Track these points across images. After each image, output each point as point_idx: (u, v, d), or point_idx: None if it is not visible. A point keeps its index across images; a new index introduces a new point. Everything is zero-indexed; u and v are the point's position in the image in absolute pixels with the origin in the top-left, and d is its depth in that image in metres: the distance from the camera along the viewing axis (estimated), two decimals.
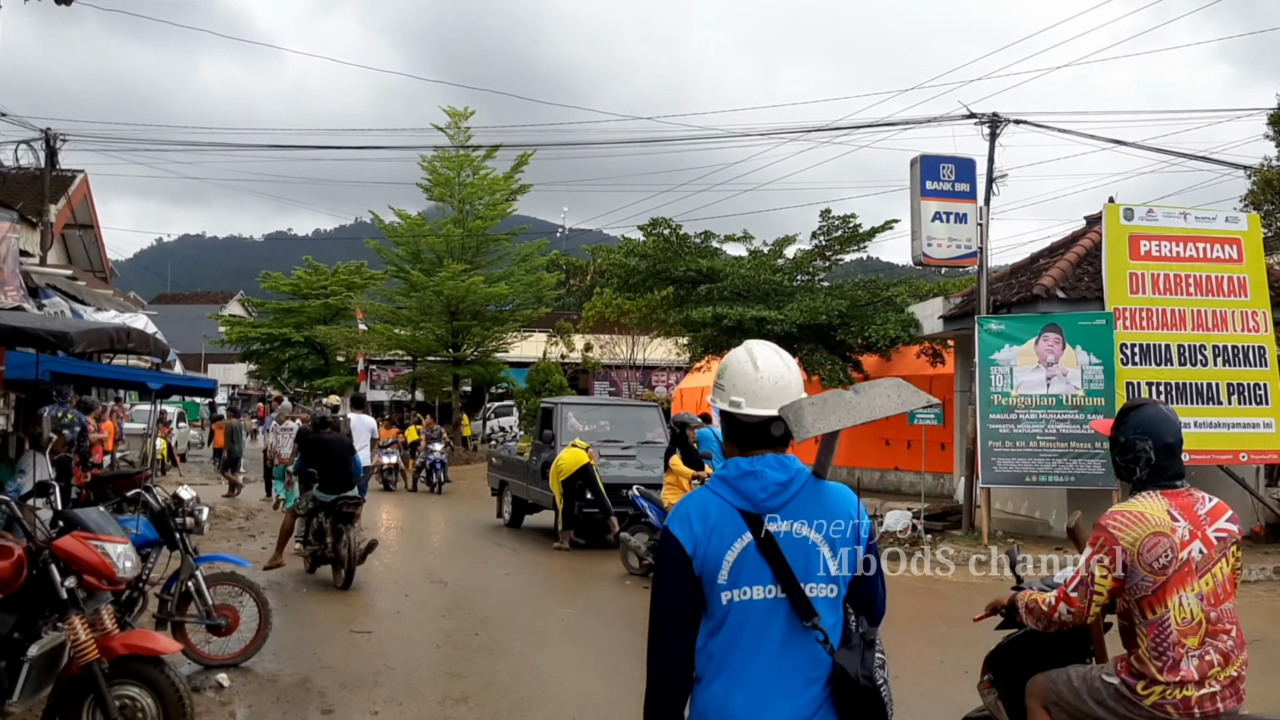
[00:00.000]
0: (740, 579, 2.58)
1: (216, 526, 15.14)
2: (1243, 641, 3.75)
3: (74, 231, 24.16)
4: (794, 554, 2.60)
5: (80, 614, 5.11)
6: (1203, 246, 14.89)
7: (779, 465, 2.72)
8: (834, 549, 2.65)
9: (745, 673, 2.57)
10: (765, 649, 2.57)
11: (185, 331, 60.48)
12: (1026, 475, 14.56)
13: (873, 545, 2.76)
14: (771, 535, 2.60)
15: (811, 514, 2.67)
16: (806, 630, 2.57)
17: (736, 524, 2.61)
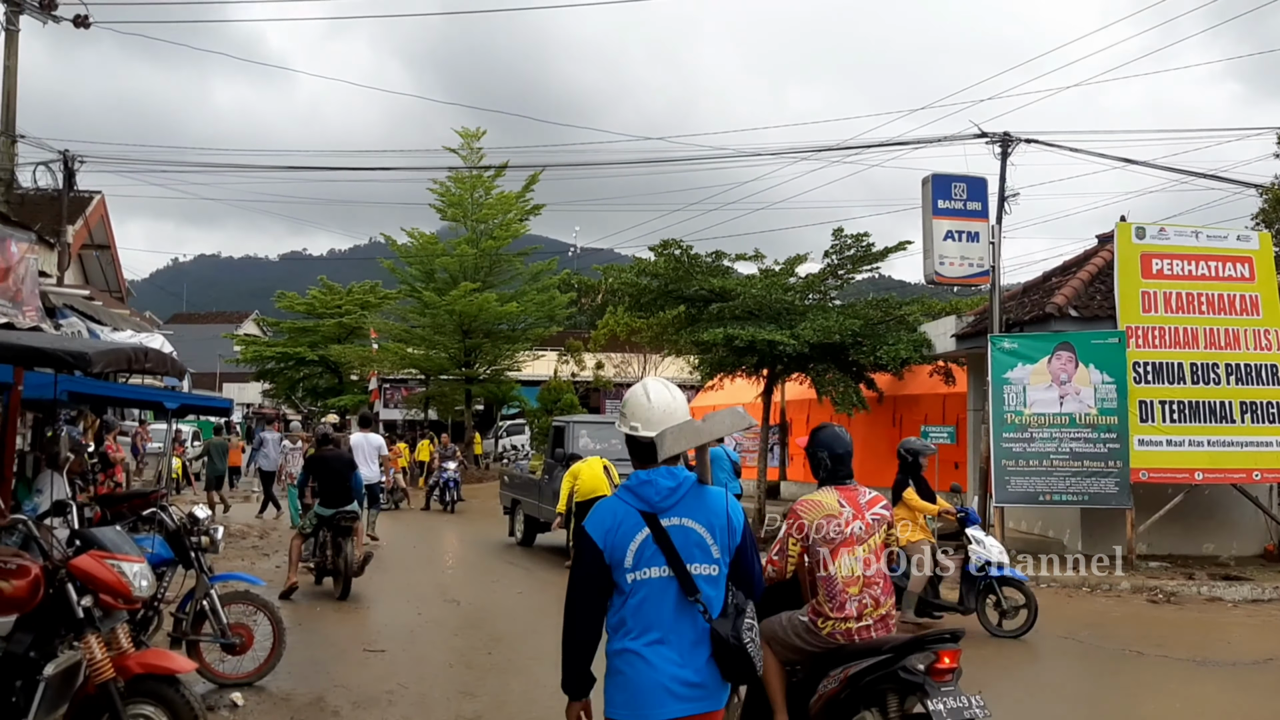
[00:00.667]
0: (641, 563, 3.44)
1: (231, 545, 15.21)
2: (890, 590, 5.14)
3: (91, 252, 24.36)
4: (681, 542, 3.46)
5: (96, 633, 5.14)
6: (1215, 265, 14.89)
7: (669, 475, 3.54)
8: (715, 538, 3.51)
9: (648, 631, 3.43)
10: (662, 615, 3.44)
11: (201, 351, 60.83)
12: (1040, 494, 14.54)
13: (749, 535, 3.64)
14: (664, 529, 3.45)
15: (696, 512, 3.51)
16: (689, 604, 3.43)
17: (637, 521, 3.46)
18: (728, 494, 3.65)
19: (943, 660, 4.69)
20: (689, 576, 3.45)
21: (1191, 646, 9.93)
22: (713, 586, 3.50)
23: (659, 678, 3.40)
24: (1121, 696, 8.22)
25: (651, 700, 3.41)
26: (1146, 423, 14.35)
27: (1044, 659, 9.62)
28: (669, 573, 3.44)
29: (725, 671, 3.49)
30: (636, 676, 3.43)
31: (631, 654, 3.45)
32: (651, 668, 3.41)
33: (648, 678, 3.41)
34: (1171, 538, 15.04)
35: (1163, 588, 12.90)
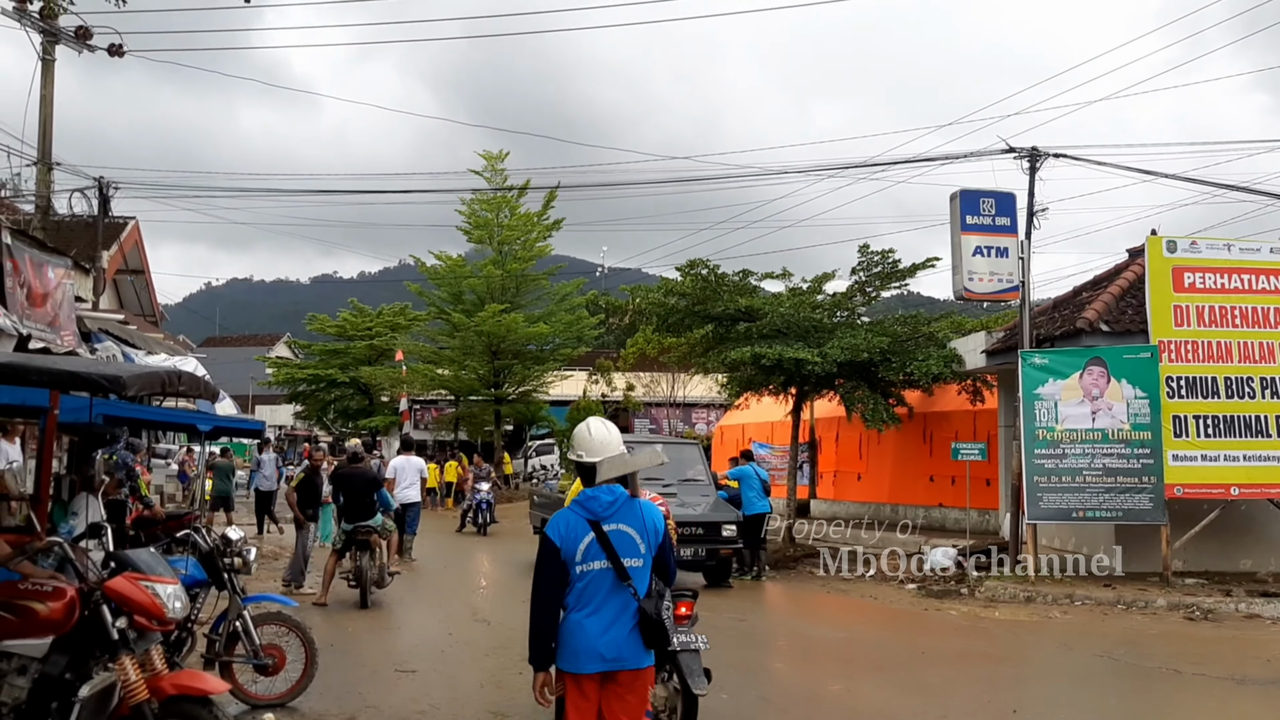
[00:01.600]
0: (587, 558, 4.53)
1: (264, 567, 15.28)
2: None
3: (125, 277, 24.61)
4: (618, 542, 4.55)
5: (131, 654, 5.17)
6: (1248, 278, 14.75)
7: (608, 492, 4.64)
8: (643, 539, 4.61)
9: (590, 607, 4.52)
10: (600, 595, 4.52)
11: (233, 373, 61.25)
12: (1073, 511, 14.40)
13: (668, 537, 4.81)
14: (605, 532, 4.55)
15: (629, 519, 4.62)
16: (623, 587, 4.53)
17: (585, 527, 4.56)
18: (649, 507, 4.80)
19: (679, 609, 6.61)
20: (623, 567, 4.56)
21: (1230, 665, 9.79)
22: (640, 575, 4.61)
23: (592, 642, 4.50)
24: (1159, 716, 8.11)
25: (585, 658, 4.51)
26: (1180, 438, 14.20)
27: (1080, 678, 9.51)
28: (608, 565, 4.55)
29: (646, 640, 4.56)
30: (577, 640, 4.51)
31: (575, 623, 4.53)
32: (586, 634, 4.50)
33: (584, 641, 4.50)
34: (1208, 554, 14.85)
35: (1200, 605, 12.73)
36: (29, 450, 11.43)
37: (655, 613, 4.54)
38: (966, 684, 9.08)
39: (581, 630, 4.50)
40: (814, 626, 12.28)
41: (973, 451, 16.24)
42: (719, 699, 8.15)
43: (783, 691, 8.87)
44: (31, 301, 10.77)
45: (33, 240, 12.22)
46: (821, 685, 9.03)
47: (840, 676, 9.39)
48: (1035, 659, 10.36)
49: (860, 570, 16.61)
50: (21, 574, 5.35)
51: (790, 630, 12.29)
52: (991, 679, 9.36)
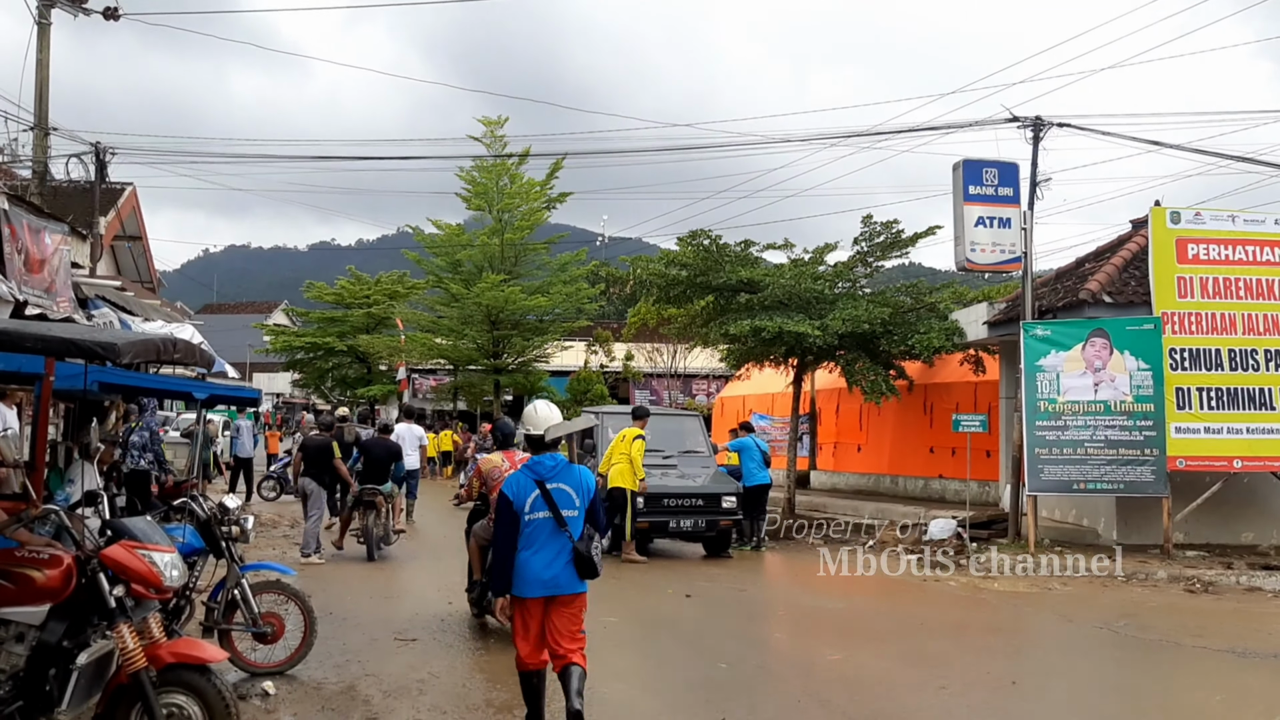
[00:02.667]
0: (534, 509, 5.91)
1: (262, 535, 15.27)
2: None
3: (123, 243, 24.47)
4: (558, 497, 5.94)
5: (128, 622, 5.14)
6: (1252, 249, 14.67)
7: (551, 459, 6.09)
8: (578, 494, 5.99)
9: (535, 547, 5.89)
10: (544, 538, 5.90)
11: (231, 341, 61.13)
12: (1074, 482, 14.39)
13: (597, 494, 6.14)
14: (548, 489, 5.93)
15: (567, 479, 6.02)
16: (561, 532, 5.90)
17: (532, 485, 5.95)
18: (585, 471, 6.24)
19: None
20: (561, 517, 5.96)
21: (1230, 637, 9.78)
22: (575, 523, 5.99)
23: (535, 573, 5.92)
24: (1160, 688, 8.10)
25: (531, 586, 5.94)
26: (1183, 410, 14.16)
27: (1081, 650, 9.50)
28: (549, 515, 5.96)
29: (579, 572, 5.96)
30: (525, 572, 5.94)
31: (524, 560, 5.95)
32: (532, 568, 5.93)
33: (530, 573, 5.94)
34: (1209, 526, 14.85)
35: (1200, 577, 12.73)
36: (25, 417, 11.37)
37: (586, 551, 5.94)
38: (965, 655, 9.07)
39: (528, 565, 5.93)
40: (813, 597, 12.27)
41: (973, 423, 16.17)
42: (718, 669, 8.15)
43: (782, 660, 8.86)
44: (28, 267, 10.67)
45: (29, 206, 12.11)
46: (820, 655, 9.02)
47: (839, 646, 9.38)
48: (1034, 630, 10.35)
49: (860, 541, 16.63)
50: (18, 541, 5.32)
51: (789, 600, 12.28)
52: (991, 649, 9.35)
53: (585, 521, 6.01)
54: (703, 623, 10.21)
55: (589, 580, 6.00)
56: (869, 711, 6.94)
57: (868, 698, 7.35)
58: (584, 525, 5.99)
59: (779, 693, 7.49)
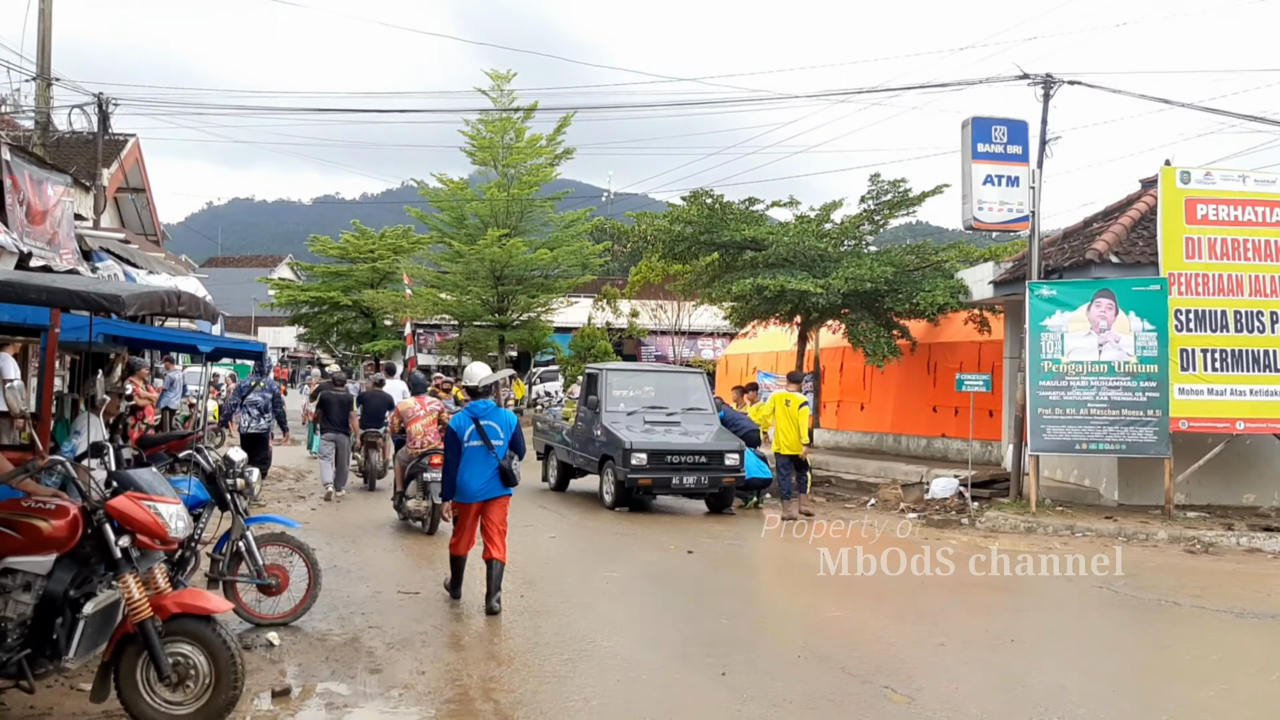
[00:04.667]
0: (471, 439, 8.42)
1: (267, 488, 15.35)
2: (438, 436, 12.30)
3: (127, 195, 24.42)
4: (488, 430, 8.44)
5: (134, 572, 5.20)
6: (1262, 210, 14.58)
7: (484, 403, 8.67)
8: (502, 428, 8.52)
9: (469, 467, 8.40)
10: (477, 461, 8.40)
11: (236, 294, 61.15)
12: (1076, 443, 14.41)
13: (518, 428, 8.71)
14: (481, 425, 8.44)
15: (496, 418, 8.57)
16: (490, 455, 8.40)
17: (470, 421, 8.47)
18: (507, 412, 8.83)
19: (433, 460, 12.04)
20: (490, 444, 8.41)
21: (1229, 598, 9.84)
22: (500, 449, 8.45)
23: (471, 484, 8.41)
24: (1156, 647, 8.16)
25: (468, 494, 8.42)
26: (1187, 371, 14.15)
27: (1079, 609, 9.56)
28: (481, 443, 8.42)
29: (503, 482, 8.48)
30: (464, 485, 8.42)
31: (463, 477, 8.41)
32: (468, 482, 8.41)
33: (468, 486, 8.41)
34: (1211, 488, 14.88)
35: (1201, 538, 12.79)
36: (30, 369, 11.40)
37: (508, 467, 8.49)
38: (965, 612, 9.14)
39: (466, 481, 8.43)
40: (814, 554, 12.34)
41: (977, 382, 16.16)
42: (719, 623, 8.21)
43: (782, 617, 8.93)
44: (31, 219, 10.65)
45: (32, 157, 12.07)
46: (820, 611, 9.08)
47: (839, 603, 9.45)
48: (1034, 589, 10.41)
49: (862, 499, 16.69)
50: (25, 491, 5.35)
51: (790, 557, 12.35)
52: (990, 607, 9.40)
53: (509, 447, 8.53)
54: (704, 578, 10.28)
55: (510, 488, 8.56)
56: (868, 667, 7.00)
57: (866, 653, 7.42)
58: (507, 449, 8.51)
59: (778, 648, 7.55)
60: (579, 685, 6.42)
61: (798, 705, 6.17)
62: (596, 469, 15.37)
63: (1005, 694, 6.59)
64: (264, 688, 6.17)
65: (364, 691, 6.22)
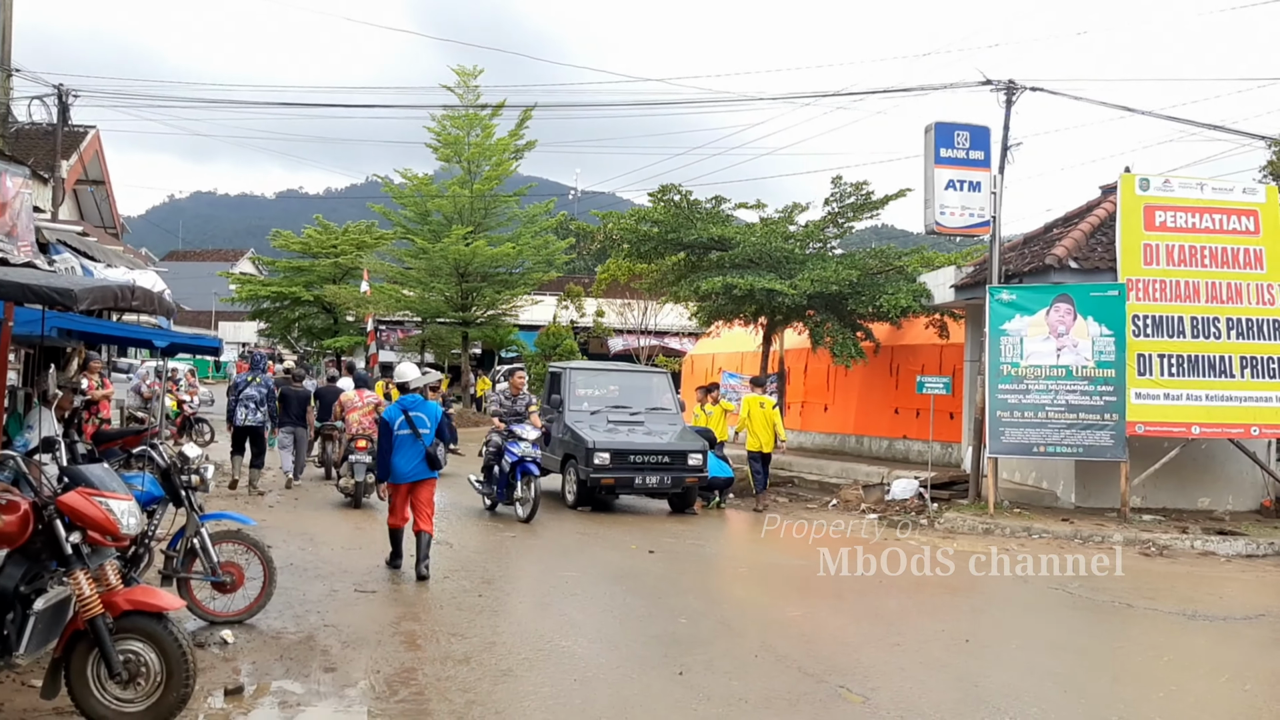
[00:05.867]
0: (401, 428, 9.70)
1: (223, 484, 15.22)
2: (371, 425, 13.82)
3: (86, 188, 24.12)
4: (416, 421, 9.74)
5: (85, 569, 5.14)
6: (1219, 218, 14.79)
7: (413, 398, 9.97)
8: (430, 419, 9.83)
9: (399, 453, 9.67)
10: (406, 447, 9.67)
11: (196, 289, 60.41)
12: (1034, 446, 14.55)
13: (446, 418, 10.87)
14: (410, 416, 9.76)
15: (424, 410, 9.87)
16: (418, 442, 9.67)
17: (400, 413, 9.78)
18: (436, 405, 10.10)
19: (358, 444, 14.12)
20: (419, 433, 9.62)
21: (1182, 600, 9.98)
22: (428, 437, 9.63)
23: (401, 467, 9.61)
24: (1109, 648, 8.25)
25: (400, 476, 9.62)
26: (1144, 376, 14.33)
27: (1035, 610, 9.66)
28: (410, 432, 9.63)
29: (430, 466, 9.66)
30: (396, 469, 9.60)
31: (396, 462, 9.61)
32: (399, 466, 9.62)
33: (399, 469, 9.61)
34: (1167, 491, 15.09)
35: (1155, 541, 12.95)
36: None
37: (433, 453, 9.68)
38: (921, 613, 9.20)
39: (398, 464, 9.65)
40: (775, 554, 12.39)
41: (937, 385, 16.30)
42: (678, 623, 8.22)
43: (741, 616, 8.95)
44: None
45: None
46: (780, 611, 9.12)
47: (798, 603, 9.49)
48: (990, 590, 10.50)
49: (823, 499, 16.78)
50: None
51: (751, 557, 12.39)
52: (946, 608, 9.48)
53: (435, 435, 9.75)
54: (664, 578, 10.28)
55: (436, 471, 9.77)
56: (824, 666, 7.04)
57: (823, 653, 7.46)
58: (434, 437, 9.72)
59: (737, 647, 7.57)
60: (535, 685, 6.41)
61: (753, 704, 6.19)
62: (559, 468, 15.35)
63: (959, 694, 6.65)
64: (217, 686, 6.11)
65: (318, 690, 6.18)
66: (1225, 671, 7.53)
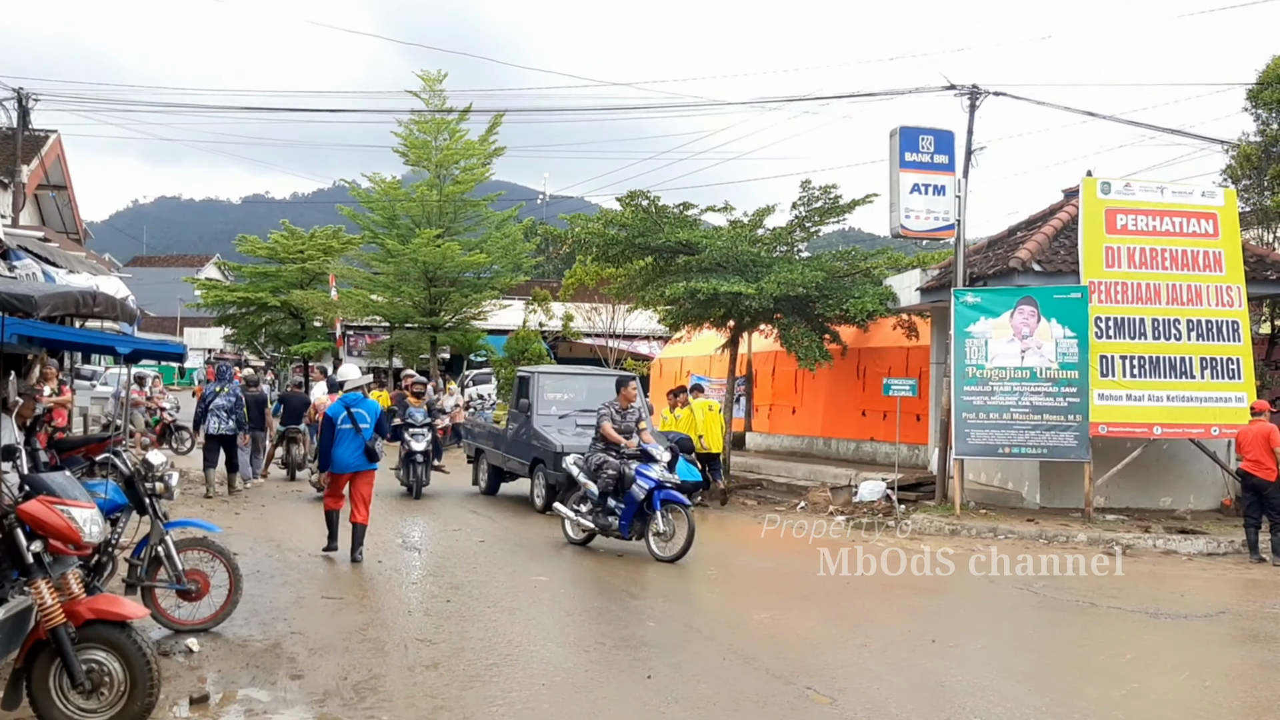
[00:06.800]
0: (343, 423, 10.74)
1: (189, 491, 15.10)
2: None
3: (47, 192, 23.89)
4: (358, 416, 10.79)
5: (46, 578, 5.10)
6: (1179, 221, 14.98)
7: (354, 395, 11.04)
8: (369, 415, 10.91)
9: (342, 446, 10.71)
10: (348, 441, 10.73)
11: (161, 294, 59.93)
12: (1000, 447, 14.67)
13: (383, 415, 11.21)
14: (351, 412, 10.78)
15: (363, 406, 10.96)
16: (358, 436, 10.72)
17: (343, 409, 10.90)
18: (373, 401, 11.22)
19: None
20: (359, 427, 10.70)
21: (1144, 598, 10.09)
22: (367, 431, 10.72)
23: (344, 460, 10.68)
24: (1073, 647, 8.33)
25: (340, 467, 10.70)
26: (1107, 377, 14.49)
27: (1000, 609, 9.74)
28: (351, 426, 10.70)
29: (368, 458, 10.74)
30: (337, 460, 10.68)
31: (337, 454, 10.66)
32: (340, 457, 10.69)
33: (340, 460, 10.69)
34: (1129, 491, 15.25)
35: (1119, 540, 13.08)
36: None
37: (371, 446, 10.69)
38: (889, 614, 9.26)
39: (339, 456, 10.65)
40: (743, 557, 12.43)
41: (904, 387, 16.42)
42: (646, 627, 8.23)
43: (710, 619, 8.97)
44: None
45: None
46: (748, 614, 9.15)
47: (767, 606, 9.52)
48: (956, 590, 10.59)
49: (792, 502, 16.85)
50: None
51: (720, 560, 12.42)
52: (913, 609, 9.54)
53: (374, 430, 10.78)
54: (633, 582, 10.30)
55: (374, 464, 10.79)
56: (791, 669, 7.08)
57: (791, 655, 7.49)
58: (373, 432, 10.75)
59: (704, 650, 7.59)
60: (502, 690, 6.40)
61: (721, 707, 6.21)
62: (528, 472, 15.32)
63: (925, 694, 6.70)
64: (182, 695, 6.06)
65: (284, 698, 6.14)
66: (1186, 668, 7.63)
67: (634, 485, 11.36)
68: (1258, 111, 18.66)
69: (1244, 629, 9.09)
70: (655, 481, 11.29)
